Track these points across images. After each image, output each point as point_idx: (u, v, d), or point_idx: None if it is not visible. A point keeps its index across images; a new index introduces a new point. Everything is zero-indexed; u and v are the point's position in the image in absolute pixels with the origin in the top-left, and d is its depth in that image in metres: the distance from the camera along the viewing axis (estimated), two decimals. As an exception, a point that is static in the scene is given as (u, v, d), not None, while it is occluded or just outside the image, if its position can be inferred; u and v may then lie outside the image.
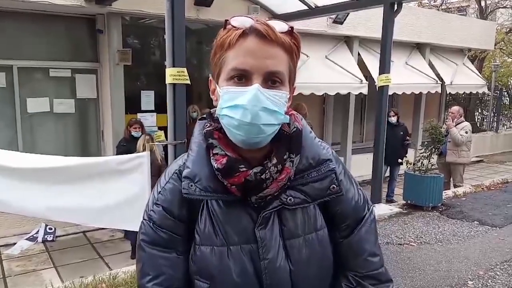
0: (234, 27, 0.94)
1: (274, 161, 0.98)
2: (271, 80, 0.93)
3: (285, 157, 0.99)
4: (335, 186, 1.04)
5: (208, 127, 1.03)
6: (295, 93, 1.07)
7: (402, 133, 7.33)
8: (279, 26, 0.94)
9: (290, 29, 0.96)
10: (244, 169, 0.97)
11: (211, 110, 1.06)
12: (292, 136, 1.01)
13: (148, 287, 1.04)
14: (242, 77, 0.93)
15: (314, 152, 1.05)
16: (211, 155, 1.00)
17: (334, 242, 1.10)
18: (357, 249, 1.10)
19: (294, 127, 1.03)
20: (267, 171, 0.97)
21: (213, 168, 0.99)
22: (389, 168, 7.55)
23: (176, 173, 1.05)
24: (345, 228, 1.10)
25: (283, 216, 1.02)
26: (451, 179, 7.60)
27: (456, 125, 7.24)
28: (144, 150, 4.62)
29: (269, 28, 0.92)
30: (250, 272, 1.00)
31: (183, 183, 1.00)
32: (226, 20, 0.96)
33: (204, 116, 1.09)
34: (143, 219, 1.07)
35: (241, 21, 0.94)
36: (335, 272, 1.12)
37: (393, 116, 7.34)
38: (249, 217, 1.01)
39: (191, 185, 0.99)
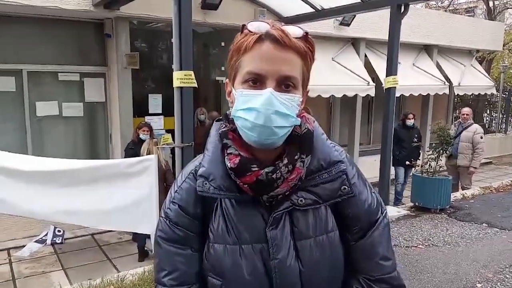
0: (251, 32, 0.97)
1: (285, 161, 1.00)
2: (284, 84, 0.96)
3: (296, 157, 1.01)
4: (346, 187, 1.05)
5: (224, 128, 1.07)
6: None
7: (416, 135, 7.26)
8: (294, 32, 0.97)
9: (304, 34, 0.98)
10: (256, 168, 0.99)
11: (227, 112, 1.09)
12: (303, 137, 1.04)
13: (163, 281, 1.08)
14: (256, 81, 0.96)
15: (326, 153, 1.06)
16: (226, 154, 1.03)
17: (345, 244, 1.11)
18: (369, 252, 1.10)
19: (305, 128, 1.05)
20: (278, 171, 0.99)
21: (227, 168, 1.01)
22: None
23: (192, 173, 1.09)
24: (357, 231, 1.10)
25: (294, 217, 1.04)
26: (459, 181, 7.55)
27: (466, 127, 7.17)
28: (148, 154, 4.65)
29: (284, 34, 0.95)
30: (260, 271, 1.02)
31: (197, 181, 1.03)
32: (243, 25, 0.99)
33: (221, 118, 1.12)
34: (160, 216, 1.11)
35: (258, 26, 0.97)
36: (346, 275, 1.12)
37: (411, 118, 7.33)
38: (261, 217, 1.03)
39: (206, 184, 1.02)
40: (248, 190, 1.00)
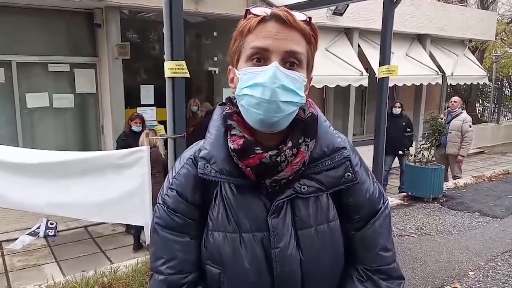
0: (254, 15, 0.96)
1: (290, 144, 0.99)
2: (289, 61, 0.95)
3: (300, 141, 1.00)
4: (349, 174, 1.04)
5: (228, 110, 1.05)
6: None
7: (404, 123, 7.27)
8: (298, 15, 0.96)
9: (308, 19, 0.98)
10: (260, 151, 0.97)
11: (230, 96, 1.08)
12: (307, 121, 1.03)
13: (161, 270, 1.06)
14: (261, 58, 0.94)
15: (329, 140, 1.05)
16: (229, 136, 1.01)
17: (346, 234, 1.10)
18: (369, 242, 1.10)
19: (309, 113, 1.04)
20: (282, 154, 0.97)
21: (229, 152, 0.99)
22: (398, 159, 7.52)
23: (190, 158, 1.07)
24: (358, 220, 1.09)
25: (296, 205, 1.03)
26: (449, 170, 7.60)
27: (455, 116, 7.21)
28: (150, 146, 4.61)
29: (288, 14, 0.94)
30: (261, 260, 1.01)
31: (199, 163, 1.01)
32: (247, 10, 0.98)
33: (224, 101, 1.10)
34: (158, 203, 1.09)
35: (261, 10, 0.96)
36: (346, 264, 1.11)
37: (398, 107, 7.33)
38: (262, 205, 1.01)
39: (207, 166, 1.00)
40: (251, 173, 0.98)
